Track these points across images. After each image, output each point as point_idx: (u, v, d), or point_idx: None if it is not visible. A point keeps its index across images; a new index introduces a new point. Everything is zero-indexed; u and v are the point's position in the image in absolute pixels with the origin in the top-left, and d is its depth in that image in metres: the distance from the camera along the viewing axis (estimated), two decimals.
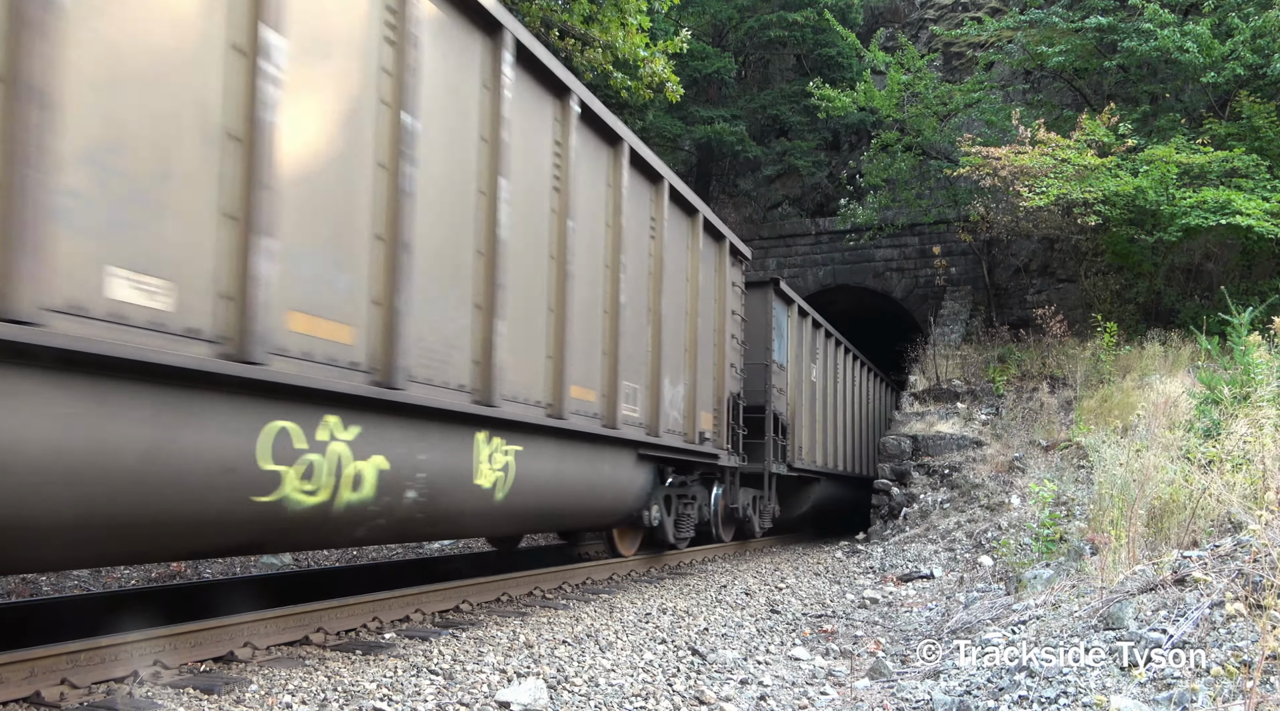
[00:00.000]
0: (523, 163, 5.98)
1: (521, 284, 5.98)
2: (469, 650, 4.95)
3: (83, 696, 3.65)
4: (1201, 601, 3.91)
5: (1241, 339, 7.06)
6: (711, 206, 19.69)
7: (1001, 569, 8.16)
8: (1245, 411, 6.55)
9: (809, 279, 23.03)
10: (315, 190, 4.26)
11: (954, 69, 22.96)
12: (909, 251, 22.19)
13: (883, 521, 13.48)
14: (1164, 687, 3.34)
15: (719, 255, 10.08)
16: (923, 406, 15.56)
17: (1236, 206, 13.17)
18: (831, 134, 24.31)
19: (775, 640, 5.95)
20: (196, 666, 4.22)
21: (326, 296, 4.32)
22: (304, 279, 4.18)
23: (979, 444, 13.58)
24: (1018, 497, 11.43)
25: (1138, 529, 5.39)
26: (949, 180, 19.12)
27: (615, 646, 5.32)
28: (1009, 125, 16.96)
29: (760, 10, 23.64)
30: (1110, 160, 14.53)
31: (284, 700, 3.81)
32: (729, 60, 23.58)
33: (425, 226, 4.95)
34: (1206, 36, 15.14)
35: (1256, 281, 15.11)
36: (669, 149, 23.26)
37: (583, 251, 6.83)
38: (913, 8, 25.32)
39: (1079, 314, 17.14)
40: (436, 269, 5.12)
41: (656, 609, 6.71)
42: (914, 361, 17.63)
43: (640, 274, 7.92)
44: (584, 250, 6.86)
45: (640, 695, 4.26)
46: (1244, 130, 15.13)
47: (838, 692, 4.52)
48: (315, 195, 4.26)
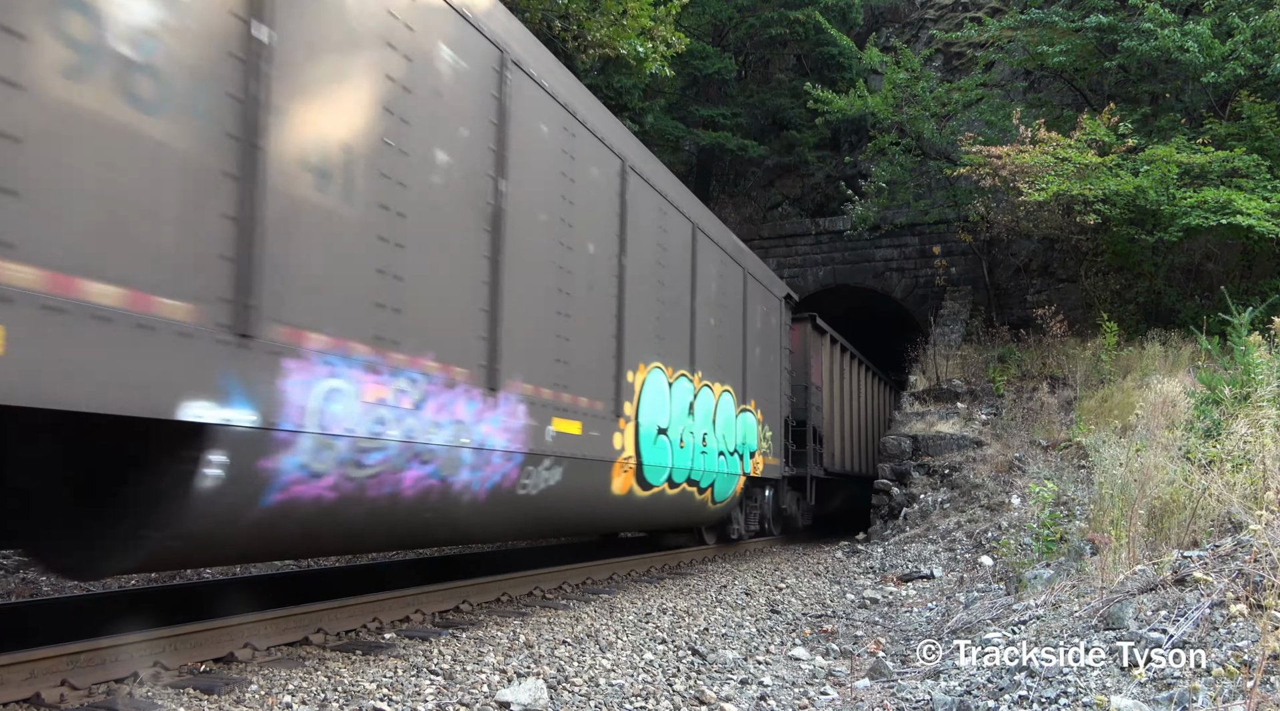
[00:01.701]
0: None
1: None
2: (469, 650, 4.95)
3: (83, 697, 3.65)
4: (1202, 601, 3.91)
5: (1242, 339, 7.06)
6: (711, 206, 19.75)
7: (1002, 569, 8.16)
8: (1245, 411, 6.55)
9: (809, 279, 23.01)
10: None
11: (954, 69, 22.93)
12: (909, 251, 22.18)
13: (883, 521, 13.47)
14: (1164, 687, 3.34)
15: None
16: (923, 406, 15.56)
17: (1237, 206, 13.16)
18: (831, 133, 24.27)
19: (775, 640, 5.94)
20: (196, 667, 4.22)
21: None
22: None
23: (979, 444, 13.57)
24: (1018, 497, 11.43)
25: (1138, 529, 5.39)
26: (949, 180, 19.10)
27: (615, 646, 5.32)
28: (1009, 125, 16.93)
29: (760, 9, 23.62)
30: (1110, 159, 14.52)
31: (284, 700, 3.81)
32: (729, 60, 23.56)
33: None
34: (1207, 36, 15.13)
35: (1257, 281, 15.10)
36: (670, 149, 23.25)
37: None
38: (913, 8, 25.28)
39: (1079, 314, 17.13)
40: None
41: (656, 609, 6.71)
42: (914, 361, 17.62)
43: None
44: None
45: (640, 695, 4.26)
46: (1244, 130, 15.11)
47: (838, 692, 4.52)
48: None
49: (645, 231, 7.95)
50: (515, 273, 5.80)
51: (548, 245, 6.31)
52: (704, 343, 9.29)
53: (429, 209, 4.98)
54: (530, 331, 6.01)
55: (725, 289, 10.09)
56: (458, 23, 5.31)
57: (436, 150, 5.07)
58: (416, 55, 4.91)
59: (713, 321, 9.53)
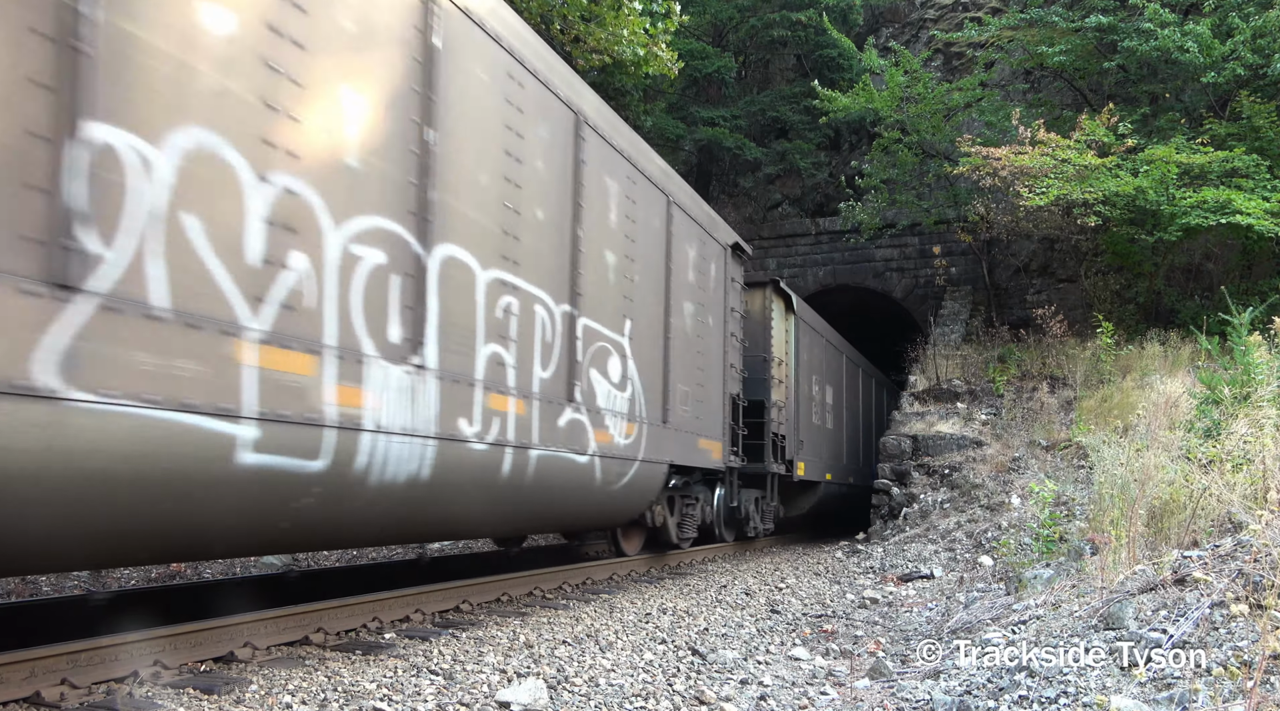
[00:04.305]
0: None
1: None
2: (469, 650, 4.95)
3: (83, 696, 3.65)
4: (1202, 601, 3.91)
5: (1242, 339, 7.06)
6: (711, 206, 19.72)
7: (1002, 569, 8.16)
8: (1245, 411, 6.55)
9: (809, 279, 23.02)
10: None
11: (954, 69, 22.92)
12: (909, 251, 22.19)
13: (883, 521, 13.47)
14: (1164, 687, 3.34)
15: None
16: (923, 406, 15.56)
17: (1237, 206, 13.15)
18: (832, 133, 24.27)
19: (775, 640, 5.94)
20: (196, 666, 4.22)
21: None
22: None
23: (979, 444, 13.57)
24: (1018, 497, 11.43)
25: (1138, 529, 5.39)
26: (949, 180, 19.10)
27: (615, 646, 5.32)
28: (1009, 125, 16.94)
29: (761, 10, 23.62)
30: (1110, 160, 14.51)
31: (284, 700, 3.81)
32: (729, 60, 23.56)
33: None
34: (1207, 36, 15.12)
35: (1256, 281, 15.10)
36: (670, 149, 23.24)
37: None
38: (913, 8, 25.27)
39: (1079, 314, 17.13)
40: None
41: (656, 609, 6.71)
42: (914, 361, 17.62)
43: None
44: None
45: (640, 695, 4.26)
46: (1244, 130, 15.10)
47: (838, 692, 4.52)
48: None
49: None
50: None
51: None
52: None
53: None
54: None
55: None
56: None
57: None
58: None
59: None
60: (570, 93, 6.71)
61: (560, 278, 6.47)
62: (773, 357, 12.12)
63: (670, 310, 8.51)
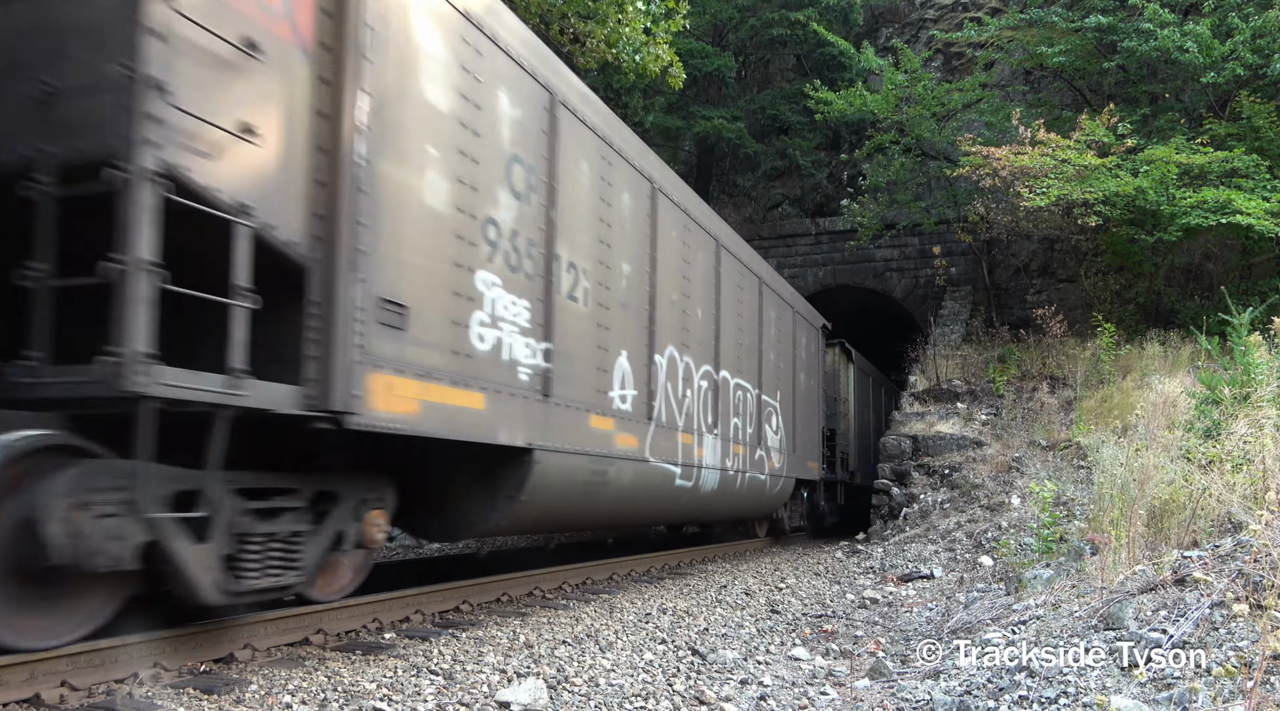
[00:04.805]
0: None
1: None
2: (469, 650, 4.95)
3: (83, 698, 3.65)
4: (1202, 601, 3.91)
5: (1241, 339, 7.06)
6: (711, 205, 19.74)
7: (1002, 569, 8.16)
8: (1245, 411, 6.55)
9: (809, 279, 23.01)
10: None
11: (954, 69, 22.92)
12: (909, 251, 22.18)
13: (883, 521, 13.47)
14: (1164, 687, 3.34)
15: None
16: (923, 406, 15.55)
17: (1236, 206, 13.15)
18: (832, 133, 24.26)
19: (775, 640, 5.94)
20: (196, 667, 4.22)
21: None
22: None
23: (979, 444, 13.57)
24: (1018, 497, 11.43)
25: (1138, 529, 5.39)
26: (949, 181, 19.09)
27: (615, 646, 5.32)
28: (1009, 125, 16.93)
29: (761, 10, 23.61)
30: (1110, 160, 14.51)
31: (284, 700, 3.81)
32: (729, 59, 23.55)
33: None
34: (1206, 36, 15.12)
35: (1256, 281, 15.09)
36: (669, 147, 23.24)
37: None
38: (913, 8, 25.27)
39: (1079, 314, 17.13)
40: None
41: (656, 609, 6.72)
42: (914, 361, 17.62)
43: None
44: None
45: (640, 695, 4.26)
46: (1244, 130, 15.10)
47: (838, 692, 4.52)
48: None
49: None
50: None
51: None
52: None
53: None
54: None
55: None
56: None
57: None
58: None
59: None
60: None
61: (752, 372, 11.21)
62: (840, 397, 17.06)
63: (795, 381, 13.43)
